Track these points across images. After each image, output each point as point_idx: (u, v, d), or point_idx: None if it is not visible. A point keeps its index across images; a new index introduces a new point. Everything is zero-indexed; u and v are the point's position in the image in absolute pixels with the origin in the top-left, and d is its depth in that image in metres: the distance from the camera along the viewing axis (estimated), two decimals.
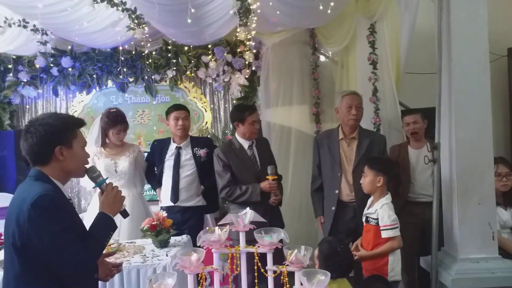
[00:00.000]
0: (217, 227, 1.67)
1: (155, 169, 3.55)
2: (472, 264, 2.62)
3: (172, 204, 3.39)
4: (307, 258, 1.59)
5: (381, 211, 2.53)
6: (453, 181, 2.72)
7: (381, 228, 2.50)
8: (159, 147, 3.48)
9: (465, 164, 2.68)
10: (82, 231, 1.77)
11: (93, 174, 1.86)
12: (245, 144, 3.14)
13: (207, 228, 1.75)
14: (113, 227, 1.82)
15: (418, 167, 3.37)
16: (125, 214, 1.96)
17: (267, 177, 2.98)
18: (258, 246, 1.65)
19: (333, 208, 3.05)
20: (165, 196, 3.44)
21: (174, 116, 3.35)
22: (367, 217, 2.62)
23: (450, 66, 2.75)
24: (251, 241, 1.72)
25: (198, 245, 1.68)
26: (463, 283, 2.56)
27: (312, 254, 1.75)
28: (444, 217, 2.83)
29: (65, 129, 1.71)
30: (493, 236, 2.65)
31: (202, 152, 3.41)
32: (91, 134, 3.42)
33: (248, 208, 1.75)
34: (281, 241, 1.69)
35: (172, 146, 3.42)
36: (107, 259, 2.03)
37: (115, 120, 3.29)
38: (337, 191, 3.04)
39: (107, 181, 1.92)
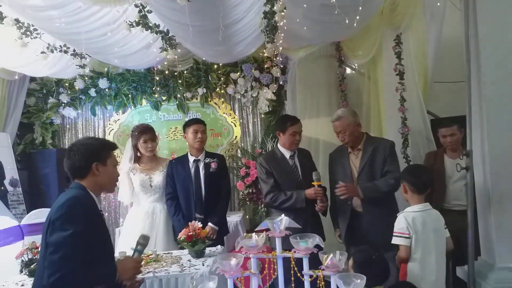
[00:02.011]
0: (254, 233, 1.74)
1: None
2: (511, 273, 2.56)
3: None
4: (342, 262, 1.63)
5: (397, 218, 2.54)
6: (487, 188, 2.68)
7: (393, 235, 2.51)
8: (180, 164, 3.49)
9: (499, 171, 2.64)
10: (101, 242, 1.89)
11: (143, 241, 2.04)
12: (287, 154, 3.20)
13: (244, 234, 1.82)
14: (110, 280, 1.86)
15: (454, 176, 3.34)
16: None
17: (313, 183, 2.97)
18: (295, 252, 1.71)
19: (348, 219, 3.06)
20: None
21: (193, 130, 3.43)
22: None
23: (479, 74, 2.74)
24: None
25: (236, 250, 1.75)
26: None
27: (346, 264, 1.78)
28: (480, 226, 2.79)
29: (102, 148, 2.01)
30: None
31: (213, 163, 3.45)
32: (126, 153, 3.58)
33: (283, 215, 1.80)
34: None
35: (191, 159, 3.49)
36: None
37: (140, 130, 3.44)
38: (349, 202, 3.05)
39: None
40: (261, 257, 1.75)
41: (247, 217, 4.67)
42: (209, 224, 3.33)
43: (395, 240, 2.49)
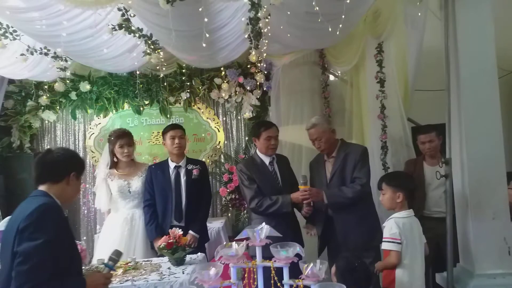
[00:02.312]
0: (234, 242, 1.72)
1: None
2: (489, 280, 2.59)
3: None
4: (322, 271, 1.63)
5: (387, 223, 2.54)
6: (466, 196, 2.72)
7: (382, 240, 2.51)
8: (160, 169, 3.43)
9: (478, 178, 2.68)
10: (69, 252, 1.84)
11: (115, 257, 2.01)
12: (266, 160, 3.18)
13: (225, 243, 1.80)
14: None
15: (433, 183, 3.38)
16: None
17: (299, 186, 2.95)
18: (275, 261, 1.69)
19: (322, 224, 3.09)
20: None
21: (170, 135, 3.38)
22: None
23: (459, 83, 2.78)
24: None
25: (216, 260, 1.73)
26: None
27: (329, 271, 1.77)
28: (459, 233, 2.82)
29: (81, 162, 2.07)
30: (510, 251, 2.63)
31: (195, 170, 3.41)
32: (102, 158, 3.52)
33: (264, 223, 1.79)
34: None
35: (172, 166, 3.44)
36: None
37: (117, 135, 3.39)
38: (323, 209, 3.07)
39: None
40: (241, 267, 1.73)
41: (230, 223, 4.64)
42: (190, 232, 3.29)
43: (386, 246, 2.47)
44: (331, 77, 4.75)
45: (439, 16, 3.00)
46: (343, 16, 3.10)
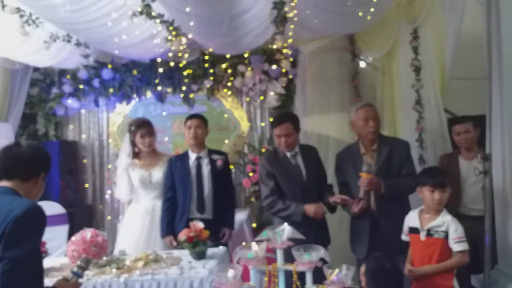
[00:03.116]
0: (254, 243, 1.61)
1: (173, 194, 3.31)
2: None
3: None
4: (349, 278, 1.50)
5: (452, 223, 2.35)
6: (507, 193, 2.56)
7: (455, 241, 2.32)
8: (180, 161, 3.33)
9: None
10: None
11: (84, 265, 1.90)
12: (288, 153, 3.02)
13: (244, 243, 1.69)
14: None
15: (469, 179, 3.17)
16: None
17: (361, 174, 2.72)
18: (297, 264, 1.58)
19: (369, 225, 2.86)
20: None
21: (187, 125, 3.28)
22: (429, 231, 2.42)
23: (501, 71, 2.60)
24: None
25: (234, 261, 1.63)
26: None
27: (357, 272, 1.65)
28: (498, 233, 2.65)
29: (51, 163, 1.87)
30: None
31: (219, 160, 3.30)
32: (123, 148, 3.44)
33: (286, 224, 1.67)
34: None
35: (192, 156, 3.33)
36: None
37: (137, 124, 3.30)
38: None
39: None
40: (261, 269, 1.63)
41: (253, 215, 4.55)
42: (225, 228, 3.27)
43: (461, 246, 2.32)
44: (362, 64, 4.52)
45: None
46: (374, 0, 2.93)
